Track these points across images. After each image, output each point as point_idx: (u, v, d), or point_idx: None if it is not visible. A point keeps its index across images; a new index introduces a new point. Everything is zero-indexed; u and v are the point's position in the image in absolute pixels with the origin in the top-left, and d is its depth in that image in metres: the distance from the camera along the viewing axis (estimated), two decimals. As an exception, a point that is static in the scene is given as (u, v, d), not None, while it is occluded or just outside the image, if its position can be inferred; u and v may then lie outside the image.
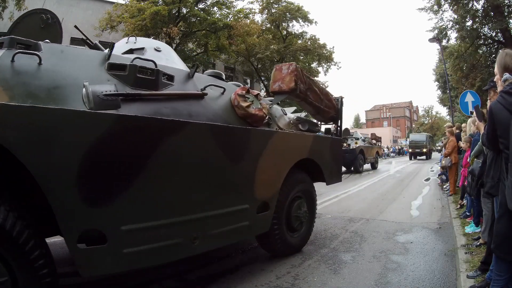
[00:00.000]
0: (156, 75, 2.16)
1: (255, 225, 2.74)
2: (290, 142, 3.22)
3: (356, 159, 13.76)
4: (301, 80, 3.46)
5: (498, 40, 14.77)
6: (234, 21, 14.11)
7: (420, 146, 26.40)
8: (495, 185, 2.10)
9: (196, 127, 2.20)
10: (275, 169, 2.97)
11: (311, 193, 3.69)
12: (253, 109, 2.68)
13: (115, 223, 1.77)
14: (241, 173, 2.59)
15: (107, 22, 12.80)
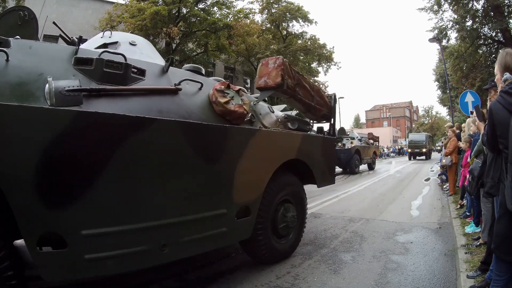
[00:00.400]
0: (125, 69, 2.03)
1: (234, 231, 2.54)
2: (275, 142, 3.02)
3: (351, 160, 13.34)
4: (288, 75, 3.23)
5: (498, 40, 14.78)
6: (234, 21, 14.12)
7: (420, 146, 26.01)
8: (495, 185, 2.10)
9: (163, 125, 2.02)
10: (258, 171, 2.76)
11: (301, 196, 3.50)
12: (233, 106, 2.50)
13: (75, 227, 1.68)
14: (218, 175, 2.39)
15: (107, 22, 12.78)
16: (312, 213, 5.69)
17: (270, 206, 2.95)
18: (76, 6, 15.42)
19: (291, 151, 3.24)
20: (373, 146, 17.16)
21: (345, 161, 13.21)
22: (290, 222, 3.20)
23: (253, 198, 2.70)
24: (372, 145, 17.12)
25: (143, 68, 2.20)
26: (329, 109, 4.17)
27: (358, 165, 14.04)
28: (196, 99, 2.45)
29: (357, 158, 13.74)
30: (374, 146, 17.49)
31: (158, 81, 2.27)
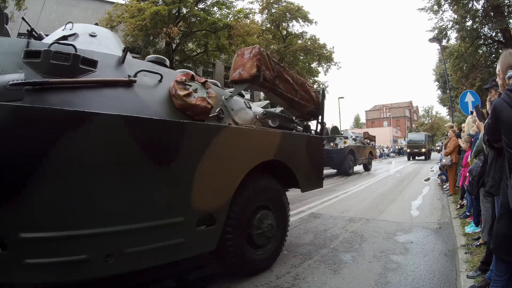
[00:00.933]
0: (73, 60, 1.90)
1: (194, 242, 2.23)
2: (247, 141, 2.67)
3: (344, 160, 12.69)
4: (266, 66, 2.90)
5: (498, 40, 14.79)
6: (234, 21, 14.11)
7: (419, 146, 25.64)
8: (495, 185, 2.10)
9: (105, 120, 1.79)
10: (224, 173, 2.42)
11: (281, 202, 3.15)
12: (194, 99, 2.25)
13: (14, 228, 1.59)
14: (172, 178, 2.10)
15: (107, 22, 12.78)
16: (312, 213, 5.70)
17: (242, 214, 2.61)
18: (76, 6, 15.43)
19: (268, 151, 2.91)
20: (369, 146, 16.35)
21: (338, 162, 12.68)
22: (267, 231, 2.85)
23: (218, 204, 2.37)
24: (368, 145, 16.39)
25: (95, 59, 2.05)
26: (317, 105, 3.82)
27: (352, 166, 13.47)
28: (154, 92, 2.24)
29: (351, 159, 13.15)
30: (370, 146, 16.66)
31: (112, 72, 2.11)
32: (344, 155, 12.62)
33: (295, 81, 3.46)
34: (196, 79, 2.41)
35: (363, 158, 14.82)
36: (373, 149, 17.78)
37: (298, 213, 5.64)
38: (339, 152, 12.47)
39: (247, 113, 3.06)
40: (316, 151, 3.78)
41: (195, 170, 2.19)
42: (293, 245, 3.81)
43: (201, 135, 2.27)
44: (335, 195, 7.84)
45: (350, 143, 13.18)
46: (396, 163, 21.35)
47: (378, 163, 24.29)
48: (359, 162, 14.44)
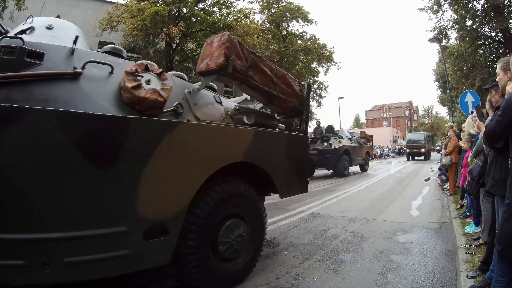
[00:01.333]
0: (19, 54, 1.81)
1: (143, 255, 1.96)
2: (209, 139, 2.36)
3: (339, 161, 12.18)
4: (238, 55, 2.62)
5: (498, 40, 14.80)
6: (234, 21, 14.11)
7: (418, 146, 25.19)
8: (496, 185, 2.10)
9: (36, 115, 1.64)
10: (179, 177, 2.13)
11: (256, 210, 2.82)
12: (143, 92, 2.01)
13: None
14: (113, 182, 1.85)
15: (107, 22, 12.78)
16: (312, 213, 5.70)
17: (206, 223, 2.33)
18: (76, 6, 15.41)
19: (237, 151, 2.59)
20: (366, 146, 15.75)
21: (332, 163, 12.22)
22: (236, 243, 2.55)
23: (171, 213, 2.08)
24: (365, 144, 15.79)
25: (42, 51, 1.94)
26: (301, 101, 3.48)
27: (348, 167, 12.96)
28: (104, 85, 2.06)
29: (346, 159, 12.64)
30: (367, 146, 16.01)
31: (61, 65, 1.98)
32: (339, 155, 12.14)
33: (274, 73, 3.11)
34: (151, 69, 2.18)
35: (359, 158, 14.33)
36: (370, 149, 17.21)
37: (298, 213, 5.64)
38: (333, 152, 11.99)
39: (216, 108, 2.76)
40: (299, 152, 3.43)
41: (141, 173, 1.91)
42: (293, 245, 3.81)
43: (149, 132, 1.98)
44: (335, 195, 7.84)
45: (345, 143, 12.74)
46: (396, 163, 21.35)
47: (378, 163, 24.28)
48: (355, 163, 13.95)
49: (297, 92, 3.44)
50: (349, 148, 12.94)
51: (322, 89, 22.82)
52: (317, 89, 22.85)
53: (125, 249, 1.88)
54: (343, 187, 9.39)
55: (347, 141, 13.29)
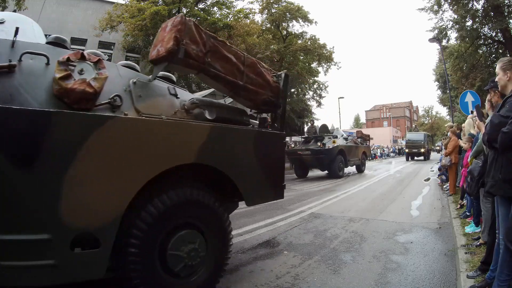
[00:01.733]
0: None
1: (71, 267, 1.74)
2: (149, 137, 2.02)
3: (333, 162, 11.72)
4: (192, 39, 2.31)
5: (498, 40, 14.80)
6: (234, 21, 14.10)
7: (418, 146, 24.85)
8: (496, 185, 2.10)
9: None
10: (111, 181, 1.84)
11: (217, 220, 2.44)
12: (72, 82, 1.80)
13: None
14: (33, 183, 1.64)
15: (107, 22, 12.77)
16: (312, 213, 5.70)
17: (150, 233, 2.03)
18: (76, 6, 15.41)
19: (187, 151, 2.23)
20: (362, 146, 15.03)
21: (326, 163, 11.79)
22: (188, 258, 2.20)
23: (101, 223, 1.80)
24: (362, 144, 15.13)
25: None
26: (275, 93, 3.06)
27: (343, 167, 12.48)
28: (38, 78, 1.89)
29: (341, 160, 12.18)
30: (364, 146, 15.30)
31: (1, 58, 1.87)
32: (333, 155, 11.67)
33: (241, 60, 2.73)
34: (88, 58, 1.96)
35: (355, 159, 13.77)
36: (367, 149, 16.40)
37: (298, 213, 5.65)
38: (327, 152, 11.49)
39: (168, 101, 2.44)
40: (272, 152, 3.00)
41: (64, 174, 1.67)
42: (293, 245, 3.81)
43: (74, 128, 1.73)
44: (335, 195, 7.84)
45: (340, 143, 12.27)
46: (396, 163, 21.35)
47: (378, 163, 24.29)
48: (351, 163, 13.44)
49: (271, 83, 3.00)
50: (344, 148, 12.49)
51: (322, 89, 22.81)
52: (317, 89, 22.84)
53: (50, 259, 1.68)
54: (343, 187, 9.39)
55: (342, 140, 12.84)
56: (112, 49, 16.09)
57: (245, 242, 3.93)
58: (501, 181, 2.04)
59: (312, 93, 23.22)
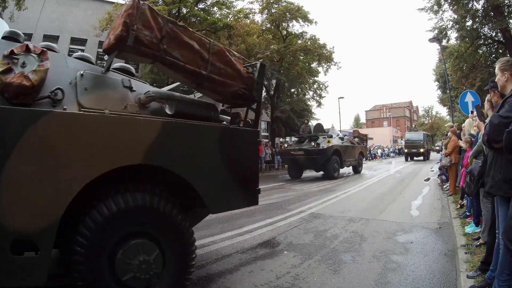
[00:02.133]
0: None
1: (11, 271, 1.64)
2: (90, 134, 1.85)
3: (328, 162, 11.32)
4: (146, 23, 2.10)
5: (498, 40, 14.80)
6: (234, 21, 14.09)
7: (417, 145, 24.41)
8: (495, 185, 2.10)
9: None
10: (46, 182, 1.70)
11: (175, 228, 2.18)
12: (11, 76, 1.71)
13: None
14: None
15: (107, 22, 12.76)
16: (312, 213, 5.70)
17: (96, 241, 1.86)
18: (76, 6, 15.41)
19: (133, 150, 2.00)
20: (359, 146, 14.60)
21: (320, 164, 11.42)
22: (139, 271, 1.98)
23: (38, 226, 1.67)
24: (359, 144, 14.73)
25: None
26: (249, 85, 2.71)
27: (338, 168, 12.06)
28: None
29: (336, 161, 11.79)
30: (360, 146, 14.86)
31: None
32: (327, 156, 11.24)
33: (206, 48, 2.45)
34: (33, 50, 1.83)
35: (351, 159, 13.32)
36: (365, 149, 15.89)
37: (298, 213, 5.65)
38: (321, 152, 11.05)
39: (119, 94, 2.21)
40: (242, 152, 2.68)
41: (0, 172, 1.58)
42: (293, 245, 3.81)
43: (7, 125, 1.62)
44: (335, 195, 7.84)
45: (335, 143, 11.84)
46: (396, 163, 21.35)
47: (378, 163, 24.31)
48: (347, 164, 13.04)
49: (242, 73, 2.65)
50: (340, 148, 12.05)
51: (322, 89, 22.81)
52: (317, 89, 22.84)
53: None
54: (343, 187, 9.39)
55: (338, 140, 12.45)
56: (112, 49, 16.10)
57: (245, 242, 3.93)
58: (500, 181, 2.04)
59: (312, 93, 23.22)
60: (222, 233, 4.31)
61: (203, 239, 4.02)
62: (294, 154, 11.84)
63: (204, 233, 4.36)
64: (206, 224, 4.94)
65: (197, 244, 3.75)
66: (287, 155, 12.37)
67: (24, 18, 13.30)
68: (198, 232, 4.44)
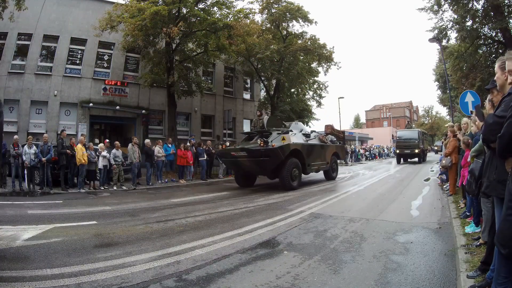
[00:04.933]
0: None
1: None
2: None
3: (283, 167, 8.51)
4: None
5: (498, 40, 14.80)
6: (234, 21, 14.07)
7: (411, 145, 20.51)
8: (490, 185, 2.10)
9: None
10: None
11: None
12: None
13: None
14: None
15: (107, 22, 12.75)
16: (312, 213, 5.70)
17: None
18: (76, 6, 15.40)
19: None
20: (333, 145, 11.55)
21: (270, 169, 8.71)
22: None
23: None
24: (333, 143, 11.71)
25: None
26: None
27: (298, 175, 9.04)
28: None
29: (295, 165, 8.96)
30: (335, 145, 11.75)
31: None
32: (280, 158, 8.37)
33: None
34: None
35: (320, 162, 10.42)
36: (341, 150, 12.48)
37: (298, 213, 5.65)
38: (270, 154, 8.18)
39: None
40: None
41: None
42: (293, 245, 3.81)
43: None
44: (335, 195, 7.84)
45: (294, 140, 9.14)
46: (396, 163, 21.32)
47: (378, 163, 24.29)
48: (314, 169, 10.11)
49: None
50: (301, 148, 9.25)
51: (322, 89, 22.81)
52: (317, 89, 22.84)
53: None
54: (343, 187, 9.39)
55: (299, 137, 9.74)
56: (112, 49, 16.09)
57: (245, 242, 3.93)
58: (495, 181, 2.03)
59: (312, 93, 23.21)
60: (222, 233, 4.31)
61: (203, 239, 4.02)
62: (235, 155, 9.03)
63: (204, 233, 4.36)
64: (206, 224, 4.94)
65: (197, 244, 3.78)
66: (227, 156, 9.51)
67: (24, 18, 13.29)
68: (198, 232, 4.45)
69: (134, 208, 6.52)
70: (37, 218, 5.33)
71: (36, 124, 14.19)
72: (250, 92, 23.29)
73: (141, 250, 3.58)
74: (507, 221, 1.77)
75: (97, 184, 9.74)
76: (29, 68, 14.10)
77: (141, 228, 4.75)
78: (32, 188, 8.85)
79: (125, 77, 16.57)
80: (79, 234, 4.31)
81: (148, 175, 10.88)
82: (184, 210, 6.25)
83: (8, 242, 3.87)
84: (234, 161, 9.38)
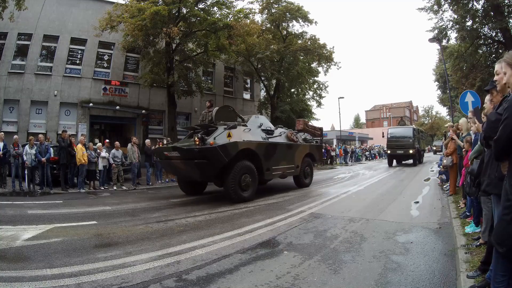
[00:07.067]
0: None
1: None
2: None
3: (228, 172, 6.55)
4: None
5: (498, 40, 14.81)
6: (234, 21, 14.08)
7: (404, 145, 17.64)
8: (491, 183, 2.10)
9: None
10: None
11: None
12: None
13: None
14: None
15: (107, 22, 12.75)
16: (312, 213, 5.70)
17: None
18: (76, 6, 15.40)
19: None
20: (304, 144, 9.21)
21: (211, 174, 6.70)
22: None
23: None
24: (307, 142, 9.50)
25: None
26: None
27: (251, 183, 6.93)
28: None
29: (246, 169, 6.87)
30: (308, 144, 9.40)
31: None
32: (221, 161, 6.36)
33: None
34: None
35: (287, 166, 8.24)
36: (316, 150, 9.98)
37: (298, 213, 5.65)
38: (208, 155, 6.24)
39: None
40: None
41: None
42: (293, 245, 3.81)
43: None
44: (335, 195, 7.84)
45: (247, 138, 7.12)
46: (396, 163, 21.31)
47: (378, 163, 24.29)
48: (275, 174, 7.93)
49: None
50: (256, 148, 7.21)
51: (322, 89, 22.83)
52: (317, 89, 22.86)
53: None
54: (344, 187, 9.39)
55: (258, 134, 7.68)
56: (112, 49, 16.10)
57: (245, 242, 3.93)
58: (497, 179, 2.04)
59: (312, 93, 23.23)
60: (222, 233, 4.31)
61: (203, 239, 4.02)
62: (168, 155, 7.16)
63: (204, 233, 4.36)
64: (206, 224, 4.94)
65: (197, 244, 3.78)
66: (161, 157, 7.71)
67: (24, 18, 13.29)
68: (198, 232, 4.45)
69: (134, 208, 6.51)
70: (37, 218, 5.33)
71: (36, 124, 14.21)
72: (250, 92, 23.30)
73: (141, 250, 3.58)
74: (503, 221, 1.78)
75: (97, 184, 9.74)
76: (29, 68, 14.12)
77: (141, 228, 4.75)
78: (32, 188, 8.86)
79: (125, 77, 16.58)
80: (79, 234, 4.31)
81: (148, 175, 10.89)
82: (184, 210, 6.25)
83: (8, 242, 3.87)
84: (168, 163, 7.54)
